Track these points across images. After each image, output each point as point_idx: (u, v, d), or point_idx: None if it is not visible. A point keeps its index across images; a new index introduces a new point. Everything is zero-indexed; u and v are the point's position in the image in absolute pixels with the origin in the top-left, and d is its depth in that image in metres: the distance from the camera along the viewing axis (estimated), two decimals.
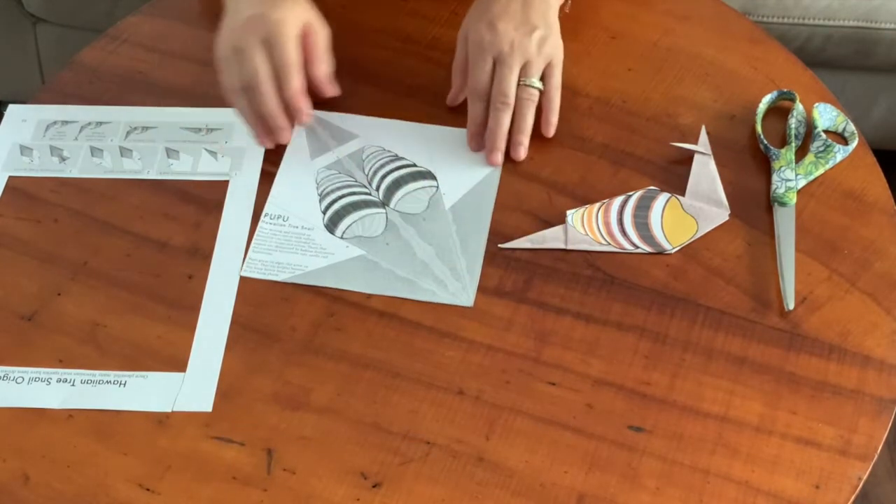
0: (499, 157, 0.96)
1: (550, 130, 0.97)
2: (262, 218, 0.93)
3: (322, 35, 0.95)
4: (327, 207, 0.94)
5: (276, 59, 0.92)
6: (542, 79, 0.97)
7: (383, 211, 0.94)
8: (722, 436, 0.81)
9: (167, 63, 1.06)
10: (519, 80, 0.96)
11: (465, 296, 0.89)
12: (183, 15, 1.11)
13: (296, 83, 0.93)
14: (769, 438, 0.81)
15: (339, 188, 0.95)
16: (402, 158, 0.97)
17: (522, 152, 0.96)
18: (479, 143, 0.97)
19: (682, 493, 0.78)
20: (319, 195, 0.95)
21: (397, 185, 0.96)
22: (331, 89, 0.97)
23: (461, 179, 0.96)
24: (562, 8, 1.02)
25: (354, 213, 0.94)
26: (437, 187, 0.95)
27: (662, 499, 0.78)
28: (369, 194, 0.95)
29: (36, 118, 1.02)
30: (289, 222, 0.93)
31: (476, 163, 0.97)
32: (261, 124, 0.95)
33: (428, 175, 0.96)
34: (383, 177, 0.96)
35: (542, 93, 0.97)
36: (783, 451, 0.80)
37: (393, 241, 0.92)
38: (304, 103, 0.93)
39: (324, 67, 0.95)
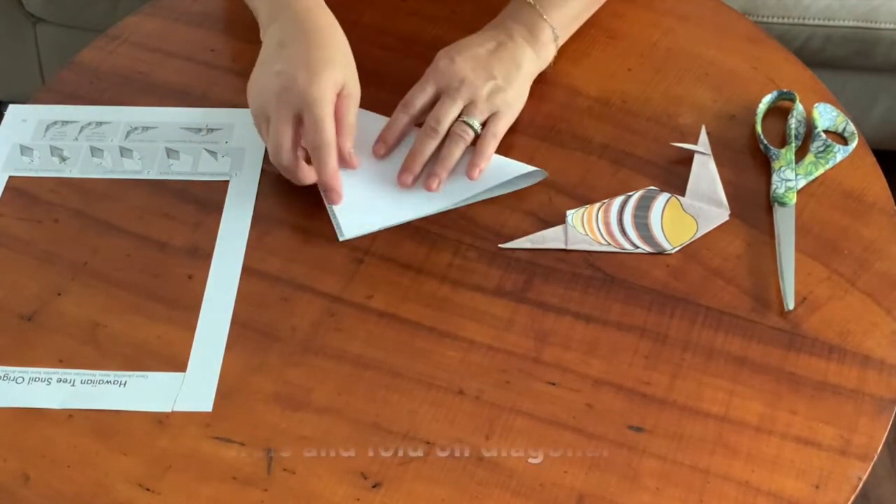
0: (409, 179, 0.94)
1: (474, 173, 0.94)
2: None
3: (354, 100, 0.93)
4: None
5: (311, 139, 0.90)
6: (485, 124, 0.96)
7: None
8: (722, 436, 0.81)
9: (167, 63, 1.06)
10: (459, 117, 0.95)
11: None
12: (183, 15, 1.11)
13: (332, 164, 0.90)
14: (769, 438, 0.81)
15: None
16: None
17: (435, 184, 0.94)
18: (380, 147, 0.96)
19: (682, 493, 0.78)
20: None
21: None
22: (353, 163, 0.94)
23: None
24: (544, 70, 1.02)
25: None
26: None
27: (662, 499, 0.78)
28: None
29: (36, 118, 1.02)
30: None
31: None
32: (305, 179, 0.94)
33: None
34: None
35: (478, 136, 0.95)
36: (783, 451, 0.80)
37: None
38: (338, 184, 0.91)
39: (349, 143, 0.93)
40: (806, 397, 0.83)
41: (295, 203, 0.95)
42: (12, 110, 1.03)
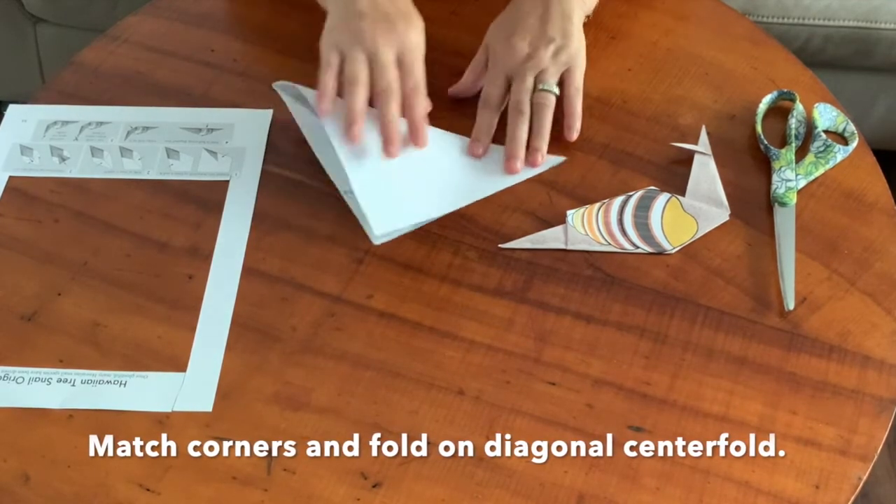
0: (517, 165, 0.96)
1: (572, 135, 0.97)
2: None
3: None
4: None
5: (407, 81, 0.93)
6: (561, 84, 0.98)
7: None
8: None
9: (167, 63, 1.07)
10: (536, 87, 0.97)
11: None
12: (183, 15, 1.11)
13: (423, 106, 0.94)
14: (769, 438, 0.81)
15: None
16: None
17: (539, 158, 0.96)
18: (477, 147, 0.97)
19: (682, 493, 0.78)
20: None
21: None
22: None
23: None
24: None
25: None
26: None
27: (662, 499, 0.78)
28: None
29: (36, 118, 1.02)
30: None
31: None
32: (357, 119, 0.92)
33: None
34: None
35: (560, 98, 0.98)
36: (783, 451, 0.80)
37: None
38: (425, 129, 0.94)
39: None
40: (806, 397, 0.83)
41: (295, 203, 0.95)
42: (12, 110, 1.03)
